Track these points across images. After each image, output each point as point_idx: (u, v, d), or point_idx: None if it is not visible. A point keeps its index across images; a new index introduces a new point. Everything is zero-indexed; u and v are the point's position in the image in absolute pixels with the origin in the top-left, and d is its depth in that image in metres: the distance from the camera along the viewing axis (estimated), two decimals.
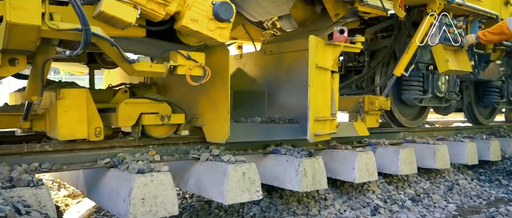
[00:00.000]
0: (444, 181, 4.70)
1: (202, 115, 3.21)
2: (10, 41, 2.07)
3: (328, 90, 3.48)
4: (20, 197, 2.10)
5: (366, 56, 5.29)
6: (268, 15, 4.32)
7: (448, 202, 4.18)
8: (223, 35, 2.68)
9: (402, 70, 4.62)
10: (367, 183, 4.01)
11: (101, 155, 2.82)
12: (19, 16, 1.98)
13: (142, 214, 2.41)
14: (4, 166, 2.42)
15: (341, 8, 3.94)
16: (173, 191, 2.54)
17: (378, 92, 5.01)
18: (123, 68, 2.61)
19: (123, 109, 2.86)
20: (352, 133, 4.29)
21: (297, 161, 3.27)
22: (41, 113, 2.79)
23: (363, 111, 4.48)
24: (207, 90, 3.09)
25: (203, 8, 2.56)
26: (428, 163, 4.52)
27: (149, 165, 2.62)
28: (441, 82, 5.13)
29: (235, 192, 2.82)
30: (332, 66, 3.50)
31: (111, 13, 2.27)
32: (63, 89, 2.60)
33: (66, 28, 2.15)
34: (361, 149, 3.87)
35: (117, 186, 2.57)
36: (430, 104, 5.40)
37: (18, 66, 2.26)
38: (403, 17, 4.31)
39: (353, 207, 3.73)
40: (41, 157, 2.62)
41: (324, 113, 3.43)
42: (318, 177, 3.40)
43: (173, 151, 3.13)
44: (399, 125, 5.25)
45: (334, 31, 3.52)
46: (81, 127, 2.64)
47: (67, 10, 2.24)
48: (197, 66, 2.72)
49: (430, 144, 4.61)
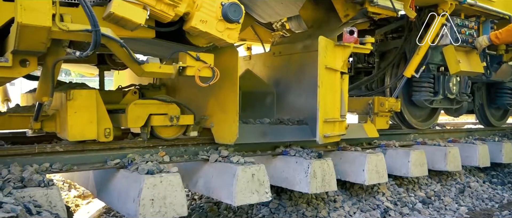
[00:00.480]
0: (456, 184, 4.65)
1: (211, 116, 3.21)
2: (21, 42, 2.09)
3: (337, 92, 3.46)
4: (31, 197, 2.12)
5: (376, 57, 5.25)
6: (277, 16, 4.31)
7: (460, 205, 4.13)
8: (232, 36, 2.67)
9: (412, 71, 4.58)
10: (377, 185, 3.98)
11: (111, 156, 2.84)
12: (30, 18, 1.99)
13: (151, 214, 2.42)
14: (16, 166, 2.44)
15: (350, 9, 3.91)
16: (182, 192, 2.55)
17: (388, 94, 4.96)
18: (132, 69, 2.62)
19: (132, 109, 2.87)
20: (362, 134, 4.26)
21: (307, 162, 3.26)
22: (51, 114, 2.81)
23: (373, 112, 4.45)
24: (216, 91, 3.09)
25: (212, 9, 2.56)
26: (439, 165, 4.47)
27: (159, 166, 2.63)
28: (452, 83, 5.07)
29: (244, 194, 2.82)
30: (341, 67, 3.48)
31: (120, 14, 2.28)
32: (73, 90, 2.61)
33: (76, 29, 2.17)
34: (371, 151, 3.85)
35: (127, 187, 2.59)
36: (441, 106, 5.34)
37: (29, 67, 2.27)
38: (414, 17, 4.27)
39: (363, 209, 3.71)
40: (52, 157, 2.64)
41: (334, 114, 3.41)
42: (328, 178, 3.38)
43: (183, 152, 3.13)
44: (409, 126, 5.20)
45: (343, 32, 3.50)
46: (91, 128, 2.65)
47: (77, 12, 2.26)
48: (206, 67, 2.72)
49: (441, 146, 4.56)
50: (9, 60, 2.18)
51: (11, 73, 2.24)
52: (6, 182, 2.19)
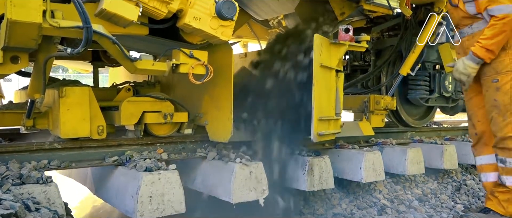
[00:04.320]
0: (452, 182, 4.65)
1: (206, 113, 3.20)
2: (11, 39, 2.06)
3: (332, 90, 3.45)
4: (30, 194, 2.13)
5: (372, 55, 5.24)
6: (273, 14, 4.30)
7: (456, 203, 4.13)
8: (226, 33, 2.65)
9: (408, 70, 4.57)
10: (374, 182, 3.98)
11: (109, 153, 2.83)
12: (20, 14, 1.97)
13: (150, 212, 2.43)
14: (14, 163, 2.44)
15: (346, 7, 3.90)
16: (181, 189, 2.55)
17: (384, 92, 4.96)
18: (125, 66, 2.60)
19: (126, 107, 2.85)
20: (357, 132, 4.25)
21: (304, 159, 3.25)
22: (44, 111, 2.79)
23: (369, 110, 4.44)
24: (211, 89, 3.07)
25: (205, 6, 2.54)
26: (436, 163, 4.46)
27: (157, 163, 2.63)
28: (448, 81, 5.07)
29: (241, 191, 2.83)
30: (337, 65, 3.46)
31: (113, 11, 2.26)
32: (66, 87, 2.59)
33: (67, 26, 2.14)
34: (368, 149, 3.84)
35: (125, 184, 2.59)
36: (436, 104, 5.34)
37: (20, 64, 2.25)
38: (410, 15, 4.26)
39: (360, 206, 3.71)
40: (50, 154, 2.65)
41: (329, 113, 3.39)
42: (325, 176, 3.39)
43: (180, 149, 3.13)
44: (405, 124, 5.20)
45: (339, 30, 3.48)
46: (84, 125, 2.64)
47: (68, 8, 2.23)
48: (200, 64, 2.69)
49: (438, 144, 4.56)
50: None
51: (2, 70, 2.22)
52: (4, 178, 2.20)
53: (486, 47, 2.99)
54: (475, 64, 3.07)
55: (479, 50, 3.01)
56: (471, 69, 3.09)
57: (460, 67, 3.13)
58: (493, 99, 3.08)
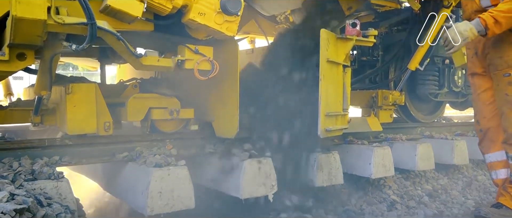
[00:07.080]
0: (463, 177, 4.60)
1: (212, 110, 3.19)
2: (16, 35, 2.08)
3: (339, 85, 3.42)
4: (42, 189, 2.16)
5: (380, 50, 5.19)
6: (280, 9, 4.28)
7: (467, 198, 4.08)
8: (231, 29, 2.65)
9: (417, 64, 4.51)
10: (384, 178, 3.95)
11: (119, 149, 2.84)
12: (25, 11, 1.98)
13: (160, 207, 2.46)
14: (26, 159, 2.46)
15: (353, 1, 3.87)
16: (190, 185, 2.57)
17: (392, 87, 4.91)
18: (130, 62, 2.60)
19: (132, 103, 2.86)
20: (365, 128, 4.22)
21: (313, 155, 3.23)
22: (51, 108, 2.81)
23: (377, 106, 4.41)
24: (217, 85, 3.06)
25: (210, 1, 2.54)
26: (446, 158, 4.42)
27: (166, 159, 2.65)
28: (458, 76, 5.01)
29: (251, 186, 2.84)
30: (344, 61, 3.43)
31: (117, 7, 2.27)
32: (73, 84, 2.61)
33: (72, 22, 2.15)
34: (378, 144, 3.82)
35: (135, 180, 2.62)
36: (446, 99, 5.27)
37: (26, 61, 2.26)
38: (418, 9, 4.21)
39: (369, 202, 3.69)
40: (62, 150, 2.66)
41: (336, 108, 3.36)
42: (334, 172, 3.38)
43: (190, 145, 3.12)
44: (413, 120, 5.14)
45: (346, 25, 3.44)
46: (90, 122, 2.65)
47: (73, 4, 2.24)
48: (205, 60, 2.69)
49: (448, 140, 4.51)
50: (5, 53, 2.17)
51: (9, 67, 2.23)
52: (17, 174, 2.24)
53: (496, 18, 2.80)
54: (477, 31, 2.86)
55: (488, 18, 2.82)
56: (470, 33, 2.86)
57: (461, 27, 2.89)
58: (504, 94, 3.02)
